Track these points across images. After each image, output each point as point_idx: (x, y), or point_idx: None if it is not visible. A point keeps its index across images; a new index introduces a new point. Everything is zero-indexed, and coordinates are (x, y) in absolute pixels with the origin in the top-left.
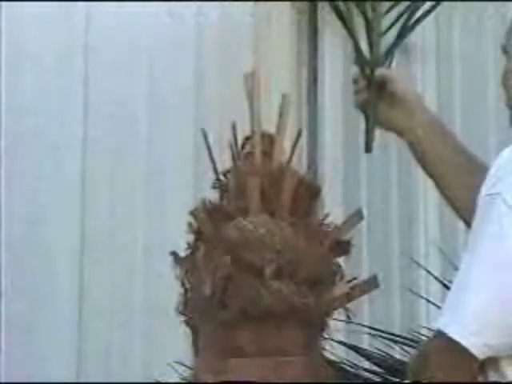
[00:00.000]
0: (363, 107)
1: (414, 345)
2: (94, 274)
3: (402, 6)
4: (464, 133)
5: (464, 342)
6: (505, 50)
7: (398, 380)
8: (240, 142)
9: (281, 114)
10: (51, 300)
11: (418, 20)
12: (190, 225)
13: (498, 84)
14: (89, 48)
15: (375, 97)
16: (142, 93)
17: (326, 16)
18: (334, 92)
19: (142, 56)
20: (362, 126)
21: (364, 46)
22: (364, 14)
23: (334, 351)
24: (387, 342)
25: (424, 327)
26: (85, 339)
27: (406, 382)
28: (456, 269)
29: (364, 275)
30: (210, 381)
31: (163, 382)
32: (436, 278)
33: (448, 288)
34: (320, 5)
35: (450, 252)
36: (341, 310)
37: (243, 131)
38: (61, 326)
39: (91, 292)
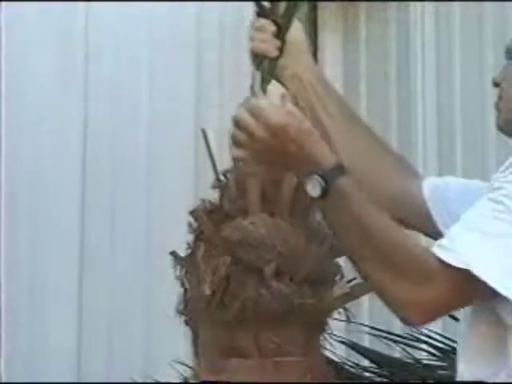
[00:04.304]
0: (260, 58)
1: (414, 345)
2: (94, 273)
3: None
4: (464, 132)
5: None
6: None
7: (398, 380)
8: None
9: None
10: (51, 300)
11: None
12: (190, 225)
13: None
14: (89, 48)
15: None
16: (141, 93)
17: (326, 16)
18: None
19: (142, 56)
20: None
21: None
22: None
23: (334, 351)
24: (387, 341)
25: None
26: (85, 339)
27: (407, 382)
28: None
29: None
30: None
31: (163, 381)
32: None
33: None
34: (320, 5)
35: None
36: (341, 309)
37: None
38: (61, 326)
39: (91, 292)
